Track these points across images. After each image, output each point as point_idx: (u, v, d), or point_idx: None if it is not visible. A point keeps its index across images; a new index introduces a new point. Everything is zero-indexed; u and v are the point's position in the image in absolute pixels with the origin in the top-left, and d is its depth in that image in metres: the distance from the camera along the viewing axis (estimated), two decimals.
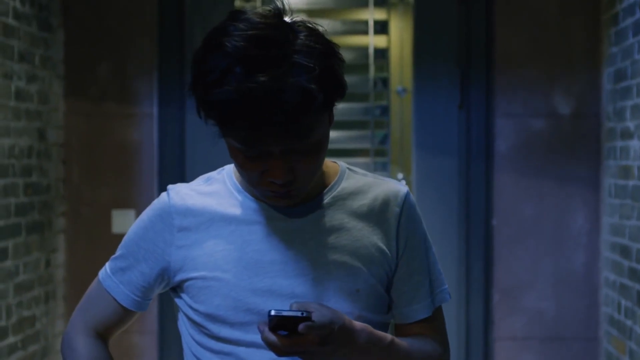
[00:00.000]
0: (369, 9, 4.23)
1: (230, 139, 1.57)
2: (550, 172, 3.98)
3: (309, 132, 1.55)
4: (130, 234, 1.79)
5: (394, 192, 1.76)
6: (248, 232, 1.69)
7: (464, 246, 4.08)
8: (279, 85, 1.48)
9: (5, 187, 3.44)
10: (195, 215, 1.72)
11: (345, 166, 1.79)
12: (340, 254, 1.69)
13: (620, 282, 3.61)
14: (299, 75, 1.50)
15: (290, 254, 1.68)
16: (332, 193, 1.73)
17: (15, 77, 3.52)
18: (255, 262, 1.68)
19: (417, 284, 1.76)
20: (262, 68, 1.49)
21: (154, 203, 1.78)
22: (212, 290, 1.68)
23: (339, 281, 1.68)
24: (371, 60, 4.20)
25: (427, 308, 1.77)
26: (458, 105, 4.09)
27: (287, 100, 1.49)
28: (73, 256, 4.05)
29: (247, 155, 1.58)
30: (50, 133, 3.89)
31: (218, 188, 1.75)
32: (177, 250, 1.72)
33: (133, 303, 1.78)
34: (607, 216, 3.84)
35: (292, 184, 1.61)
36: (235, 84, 1.49)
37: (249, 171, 1.60)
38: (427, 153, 4.11)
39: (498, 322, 4.00)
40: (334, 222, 1.71)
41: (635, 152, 3.41)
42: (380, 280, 1.72)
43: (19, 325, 3.58)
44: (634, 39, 3.43)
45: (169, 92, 4.06)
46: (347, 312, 1.66)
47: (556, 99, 3.98)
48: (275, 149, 1.55)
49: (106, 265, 1.82)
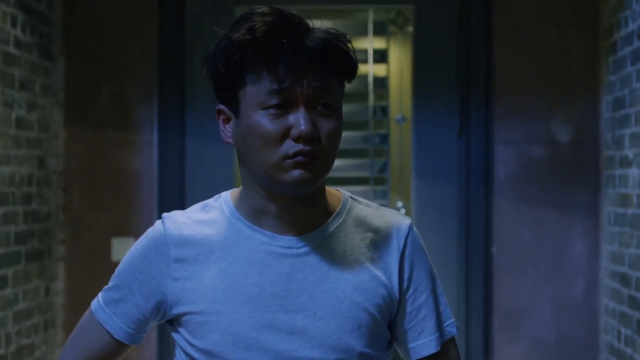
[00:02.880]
0: (369, 38, 4.25)
1: (256, 90, 1.58)
2: (549, 199, 3.99)
3: (329, 84, 1.60)
4: (124, 264, 1.73)
5: (397, 224, 1.72)
6: (247, 264, 1.64)
7: (464, 272, 4.08)
8: (302, 21, 1.60)
9: (5, 215, 3.44)
10: (193, 246, 1.66)
11: (348, 195, 1.75)
12: (342, 288, 1.64)
13: (620, 310, 3.61)
14: (320, 33, 1.60)
15: (291, 287, 1.63)
16: (335, 224, 1.69)
17: (16, 105, 3.53)
18: (254, 295, 1.63)
19: (423, 319, 1.72)
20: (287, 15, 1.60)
21: (149, 232, 1.72)
22: (211, 326, 1.63)
23: (341, 317, 1.63)
24: (371, 88, 4.21)
25: (434, 342, 1.72)
26: (457, 133, 4.09)
27: (315, 31, 1.59)
28: (73, 284, 4.04)
29: (272, 110, 1.57)
30: (50, 161, 3.90)
31: (215, 216, 1.70)
32: (174, 283, 1.66)
33: (127, 336, 1.73)
34: (606, 244, 3.84)
35: (316, 144, 1.58)
36: (269, 17, 1.58)
37: (272, 134, 1.57)
38: (427, 180, 4.12)
39: (498, 348, 4.00)
40: (337, 254, 1.66)
41: (634, 180, 3.41)
42: (382, 316, 1.68)
43: (18, 353, 3.57)
44: (633, 67, 3.44)
45: (169, 119, 4.07)
46: (350, 348, 1.63)
47: (555, 127, 3.99)
48: (301, 91, 1.57)
49: (99, 295, 1.76)
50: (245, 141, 1.61)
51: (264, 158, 1.59)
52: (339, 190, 1.76)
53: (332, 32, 1.61)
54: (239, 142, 1.63)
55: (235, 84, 1.61)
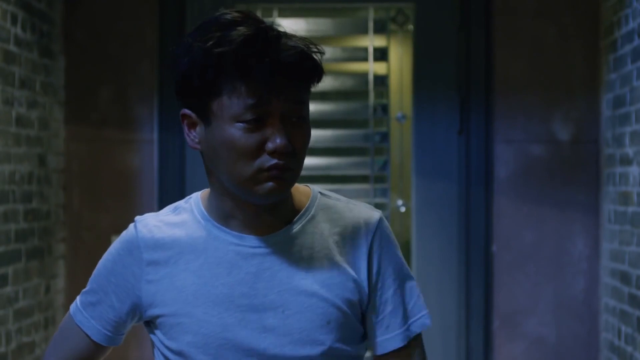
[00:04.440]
0: (369, 36, 4.24)
1: (231, 102, 1.57)
2: (549, 197, 3.99)
3: (303, 97, 1.61)
4: (100, 267, 1.77)
5: (366, 218, 1.72)
6: (217, 265, 1.66)
7: (464, 272, 4.08)
8: (280, 33, 1.59)
9: (5, 213, 3.44)
10: (164, 249, 1.69)
11: (317, 191, 1.75)
12: (310, 285, 1.66)
13: (621, 309, 3.61)
14: (294, 44, 1.59)
15: (260, 286, 1.65)
16: (303, 220, 1.70)
17: (16, 104, 3.53)
18: (224, 296, 1.65)
19: (390, 314, 1.72)
20: (262, 24, 1.59)
21: (122, 235, 1.75)
22: (183, 327, 1.66)
23: (310, 313, 1.65)
24: (371, 87, 4.21)
25: (400, 337, 1.72)
26: (458, 132, 4.09)
27: (292, 45, 1.58)
28: (73, 282, 4.04)
29: (247, 124, 1.57)
30: (50, 159, 3.90)
31: (186, 217, 1.72)
32: (147, 285, 1.69)
33: (105, 338, 1.76)
34: (606, 242, 3.84)
35: (290, 156, 1.59)
36: (244, 29, 1.56)
37: (247, 148, 1.58)
38: (427, 179, 4.12)
39: (498, 348, 3.99)
40: (304, 251, 1.67)
41: (634, 178, 3.41)
42: (353, 310, 1.68)
43: (19, 351, 3.57)
44: (633, 65, 3.44)
45: (169, 118, 4.07)
46: (319, 343, 1.65)
47: (556, 125, 3.99)
48: (276, 106, 1.57)
49: (77, 299, 1.80)
50: (216, 152, 1.62)
51: (237, 170, 1.60)
52: (309, 185, 1.77)
53: (306, 43, 1.61)
54: (209, 151, 1.64)
55: (208, 94, 1.60)
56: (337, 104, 4.26)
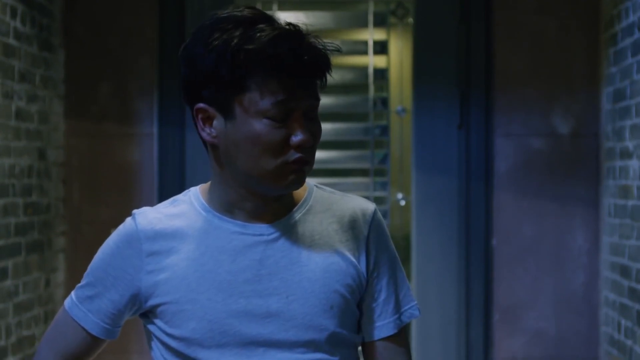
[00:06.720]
0: (369, 29, 4.24)
1: (261, 98, 1.60)
2: (549, 191, 3.98)
3: (318, 93, 1.68)
4: (97, 261, 1.79)
5: (362, 209, 1.78)
6: (219, 252, 1.69)
7: (464, 266, 4.08)
8: (303, 31, 1.63)
9: (5, 206, 3.44)
10: (165, 239, 1.71)
11: (313, 184, 1.80)
12: (313, 271, 1.69)
13: (620, 302, 3.61)
14: (315, 44, 1.64)
15: (264, 272, 1.68)
16: (302, 210, 1.74)
17: (16, 97, 3.52)
18: (228, 283, 1.67)
19: (384, 302, 1.77)
20: (277, 22, 1.64)
21: (120, 229, 1.76)
22: (187, 314, 1.68)
23: (313, 298, 1.68)
24: (371, 80, 4.21)
25: (392, 325, 1.78)
26: (458, 125, 4.09)
27: (317, 43, 1.63)
28: (73, 276, 4.04)
29: (275, 119, 1.61)
30: (50, 153, 3.90)
31: (185, 209, 1.74)
32: (148, 276, 1.71)
33: (103, 331, 1.77)
34: (606, 236, 3.84)
35: (310, 151, 1.67)
36: (267, 26, 1.61)
37: (274, 143, 1.62)
38: (427, 173, 4.11)
39: (498, 342, 4.00)
40: (306, 238, 1.71)
41: (634, 172, 3.41)
42: (352, 296, 1.73)
43: (19, 344, 3.57)
44: (633, 59, 3.44)
45: (169, 111, 4.07)
46: (322, 328, 1.68)
47: (555, 119, 3.99)
48: (302, 102, 1.63)
49: (72, 294, 1.81)
50: (239, 145, 1.64)
51: (260, 164, 1.63)
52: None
53: (324, 43, 1.66)
54: (229, 144, 1.66)
55: (235, 89, 1.62)
56: (337, 97, 4.26)
